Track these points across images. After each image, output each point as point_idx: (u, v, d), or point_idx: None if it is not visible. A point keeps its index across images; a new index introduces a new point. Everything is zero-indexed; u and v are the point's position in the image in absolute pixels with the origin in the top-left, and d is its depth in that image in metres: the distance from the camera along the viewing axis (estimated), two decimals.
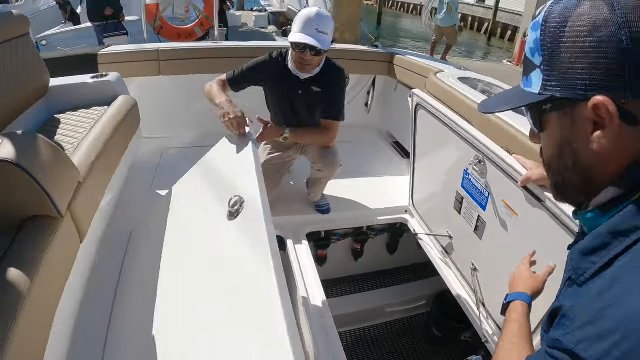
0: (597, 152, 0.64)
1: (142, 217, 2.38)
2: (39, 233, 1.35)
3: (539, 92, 0.68)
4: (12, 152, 1.30)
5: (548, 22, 0.66)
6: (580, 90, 0.62)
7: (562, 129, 0.68)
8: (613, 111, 0.59)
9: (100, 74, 2.62)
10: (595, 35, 0.60)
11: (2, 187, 1.34)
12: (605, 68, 0.60)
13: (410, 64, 3.37)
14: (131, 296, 1.91)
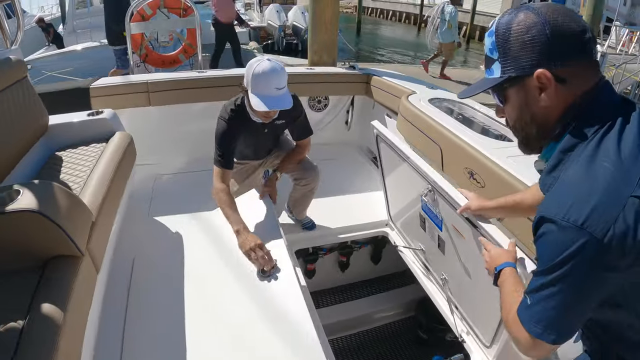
0: (545, 107, 0.98)
1: (144, 244, 2.56)
2: (64, 270, 1.54)
3: (500, 75, 1.01)
4: (35, 202, 1.48)
5: (498, 30, 1.00)
6: (526, 68, 0.96)
7: (519, 97, 1.01)
8: (550, 77, 0.94)
9: (95, 110, 2.77)
10: (530, 32, 0.94)
11: (28, 233, 1.52)
12: (539, 51, 0.94)
13: (385, 85, 3.59)
14: (141, 319, 2.08)
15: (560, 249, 0.86)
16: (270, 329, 2.07)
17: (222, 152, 2.42)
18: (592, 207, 0.83)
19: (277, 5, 15.75)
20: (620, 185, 0.83)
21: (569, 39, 0.93)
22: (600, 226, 0.81)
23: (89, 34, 10.82)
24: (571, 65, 0.94)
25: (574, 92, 0.95)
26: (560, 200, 0.88)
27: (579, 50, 0.94)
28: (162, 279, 2.37)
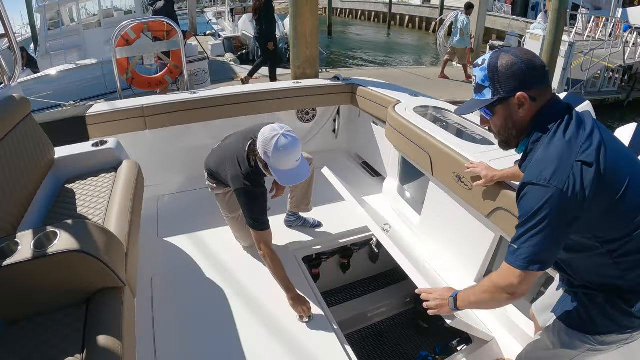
0: (522, 117, 1.41)
1: (158, 264, 2.70)
2: (110, 302, 1.65)
3: (492, 97, 1.41)
4: (75, 241, 1.58)
5: (490, 66, 1.40)
6: (511, 92, 1.38)
7: (504, 111, 1.43)
8: (527, 97, 1.37)
9: (100, 140, 2.85)
10: (513, 68, 1.36)
11: (72, 271, 1.62)
12: (519, 80, 1.36)
13: (370, 95, 3.78)
14: (169, 334, 2.24)
15: (537, 200, 1.29)
16: (294, 329, 2.29)
17: (262, 217, 2.45)
18: (553, 170, 1.27)
19: (250, 15, 15.81)
20: (568, 155, 1.29)
21: (536, 71, 1.37)
22: (560, 181, 1.26)
23: (64, 56, 10.70)
24: (538, 88, 1.38)
25: (539, 105, 1.40)
26: (533, 170, 1.32)
27: (543, 78, 1.39)
28: (182, 296, 2.52)
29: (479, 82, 1.43)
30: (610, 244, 1.35)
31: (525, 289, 1.39)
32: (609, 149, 1.30)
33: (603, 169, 1.26)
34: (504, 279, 1.41)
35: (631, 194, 1.30)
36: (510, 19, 19.47)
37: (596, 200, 1.26)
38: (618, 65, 12.13)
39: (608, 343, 1.48)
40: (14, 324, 1.62)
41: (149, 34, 6.05)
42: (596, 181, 1.25)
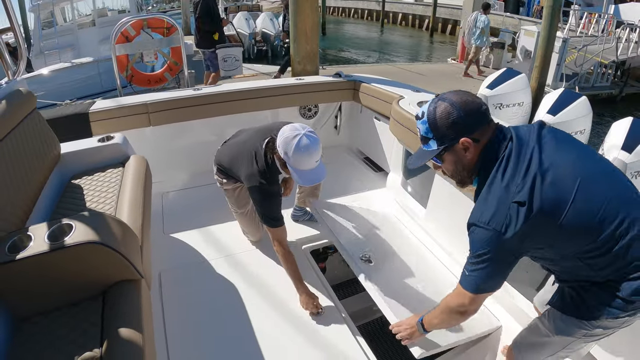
0: (470, 159, 1.48)
1: (165, 260, 2.70)
2: (129, 294, 1.64)
3: (437, 147, 1.49)
4: (93, 233, 1.56)
5: (429, 119, 1.46)
6: (454, 140, 1.45)
7: (452, 157, 1.50)
8: (470, 141, 1.44)
9: (106, 136, 2.83)
10: (451, 117, 1.42)
11: (90, 264, 1.60)
12: (460, 127, 1.43)
13: (373, 91, 3.79)
14: (180, 329, 2.24)
15: (480, 240, 1.41)
16: (305, 321, 2.31)
17: (277, 214, 2.44)
18: (491, 214, 1.37)
19: (245, 13, 15.81)
20: (505, 197, 1.36)
21: (474, 114, 1.43)
22: (498, 224, 1.35)
23: (58, 55, 10.63)
24: (480, 129, 1.44)
25: (483, 143, 1.46)
26: (476, 212, 1.43)
27: (482, 119, 1.45)
28: (191, 291, 2.52)
29: (422, 134, 1.52)
30: (570, 257, 1.43)
31: (475, 308, 1.56)
32: (547, 177, 1.35)
33: (538, 205, 1.33)
34: (456, 300, 1.58)
35: (577, 209, 1.33)
36: (504, 16, 19.54)
37: (537, 231, 1.36)
38: (611, 60, 12.23)
39: (603, 327, 1.50)
40: (27, 320, 1.60)
41: (149, 30, 6.01)
42: (532, 217, 1.33)
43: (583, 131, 5.55)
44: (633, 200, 1.40)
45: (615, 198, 1.36)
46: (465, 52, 12.93)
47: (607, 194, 1.36)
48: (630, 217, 1.35)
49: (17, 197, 2.02)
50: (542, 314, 1.71)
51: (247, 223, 2.89)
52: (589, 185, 1.35)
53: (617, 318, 1.43)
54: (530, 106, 6.43)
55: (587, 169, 1.40)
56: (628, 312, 1.40)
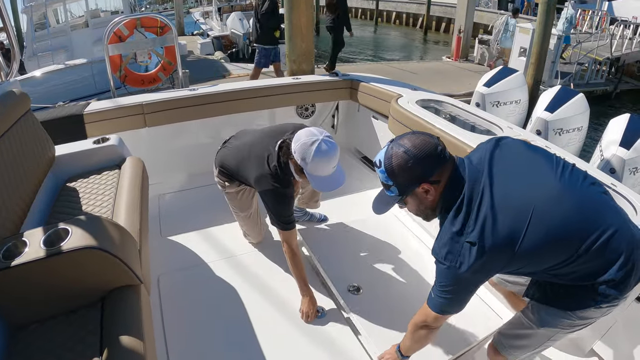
0: (431, 199, 1.52)
1: (163, 264, 2.65)
2: (128, 300, 1.59)
3: (399, 194, 1.53)
4: (90, 238, 1.51)
5: (386, 168, 1.48)
6: (413, 185, 1.48)
7: (414, 200, 1.55)
8: (429, 185, 1.47)
9: (101, 137, 2.78)
10: (407, 164, 1.45)
11: (88, 269, 1.55)
12: (417, 174, 1.46)
13: (371, 90, 3.76)
14: (180, 334, 2.21)
15: (439, 272, 1.50)
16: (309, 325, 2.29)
17: (290, 216, 2.40)
18: (446, 252, 1.45)
19: (239, 13, 15.71)
20: (457, 238, 1.43)
21: (430, 158, 1.45)
22: (452, 260, 1.43)
23: (51, 57, 10.56)
24: (437, 171, 1.46)
25: (444, 183, 1.49)
26: (435, 247, 1.51)
27: (438, 162, 1.46)
28: (190, 295, 2.48)
29: (383, 181, 1.55)
30: (539, 272, 1.50)
31: (438, 325, 1.66)
32: (498, 215, 1.39)
33: (490, 243, 1.38)
34: (421, 317, 1.67)
35: (532, 238, 1.37)
36: (498, 14, 19.58)
37: (493, 263, 1.43)
38: (605, 57, 12.25)
39: (587, 318, 1.53)
40: (23, 328, 1.55)
41: (143, 29, 5.95)
42: (484, 254, 1.38)
43: (581, 128, 5.53)
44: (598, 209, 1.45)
45: (576, 213, 1.41)
46: (459, 50, 12.97)
47: (566, 213, 1.40)
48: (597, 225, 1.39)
49: (11, 202, 1.97)
50: (525, 307, 1.73)
51: (250, 226, 2.85)
52: (545, 210, 1.39)
53: (599, 307, 1.47)
54: (527, 104, 6.41)
55: (541, 194, 1.43)
56: (610, 301, 1.44)
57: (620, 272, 1.38)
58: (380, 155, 1.52)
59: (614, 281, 1.39)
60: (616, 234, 1.39)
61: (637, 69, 13.44)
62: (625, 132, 4.71)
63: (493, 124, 2.95)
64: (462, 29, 13.06)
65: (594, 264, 1.40)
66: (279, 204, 2.36)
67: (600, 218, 1.41)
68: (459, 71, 11.60)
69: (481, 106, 6.00)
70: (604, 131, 4.91)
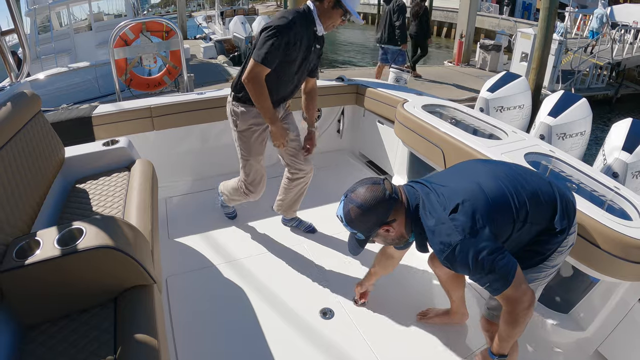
0: (397, 231, 1.71)
1: (171, 266, 2.67)
2: (142, 300, 1.60)
3: (365, 238, 1.74)
4: (106, 237, 1.53)
5: (348, 221, 1.68)
6: (373, 230, 1.70)
7: (381, 238, 1.76)
8: (387, 226, 1.68)
9: (111, 139, 2.79)
10: (363, 215, 1.66)
11: (102, 269, 1.56)
12: (373, 220, 1.67)
13: (376, 95, 3.78)
14: (188, 337, 2.22)
15: (463, 256, 1.50)
16: (313, 324, 2.31)
17: (272, 50, 2.31)
18: (446, 235, 1.53)
19: (241, 17, 15.80)
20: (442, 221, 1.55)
21: (381, 206, 1.64)
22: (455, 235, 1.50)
23: (54, 60, 10.58)
24: (390, 213, 1.65)
25: (402, 217, 1.67)
26: (436, 248, 1.57)
27: (390, 206, 1.64)
28: (199, 297, 2.50)
29: (348, 230, 1.75)
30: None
31: (530, 291, 1.58)
32: (447, 184, 1.68)
33: (460, 199, 1.56)
34: (510, 305, 1.59)
35: (489, 192, 1.61)
36: (499, 19, 19.64)
37: (476, 212, 1.55)
38: (606, 62, 12.29)
39: (555, 265, 1.74)
40: (35, 328, 1.56)
41: (148, 33, 5.98)
42: (464, 207, 1.55)
43: (583, 132, 5.54)
44: (524, 176, 1.70)
45: (509, 182, 1.64)
46: (461, 55, 12.97)
47: (504, 182, 1.64)
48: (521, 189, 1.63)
49: (22, 201, 1.98)
50: None
51: (255, 175, 2.79)
52: (486, 181, 1.63)
53: (561, 252, 1.70)
54: (531, 109, 6.43)
55: (479, 171, 1.73)
56: (565, 236, 1.67)
57: (564, 221, 1.65)
58: (339, 211, 1.71)
59: (562, 229, 1.65)
60: (543, 192, 1.65)
61: (637, 73, 13.49)
62: (628, 137, 4.73)
63: (498, 129, 2.97)
64: (463, 34, 13.10)
65: (539, 222, 1.64)
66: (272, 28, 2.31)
67: (526, 182, 1.67)
68: (461, 76, 11.62)
69: (485, 111, 6.02)
70: (607, 136, 4.93)
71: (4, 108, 2.11)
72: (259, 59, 2.32)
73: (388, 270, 2.33)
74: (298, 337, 2.23)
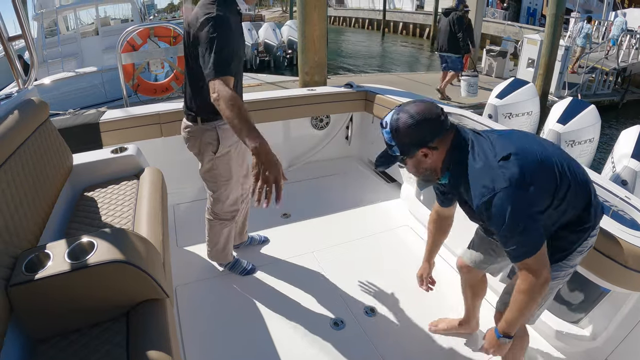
0: (431, 163, 1.62)
1: (181, 274, 2.64)
2: (155, 314, 1.57)
3: (400, 154, 1.61)
4: (117, 251, 1.49)
5: (391, 129, 1.58)
6: (414, 149, 1.59)
7: (414, 162, 1.64)
8: (428, 150, 1.58)
9: (119, 147, 2.75)
10: (410, 129, 1.55)
11: (114, 284, 1.53)
12: (418, 138, 1.56)
13: (386, 102, 3.76)
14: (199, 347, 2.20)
15: (499, 206, 1.45)
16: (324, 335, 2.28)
17: (227, 56, 1.90)
18: (491, 179, 1.47)
19: (248, 23, 15.80)
20: (491, 164, 1.50)
21: (432, 126, 1.56)
22: (501, 182, 1.45)
23: (61, 64, 10.61)
24: (438, 138, 1.57)
25: (444, 149, 1.60)
26: (476, 191, 1.51)
27: (440, 130, 1.57)
28: (208, 307, 2.47)
29: (387, 141, 1.63)
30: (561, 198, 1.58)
31: (548, 269, 1.52)
32: (506, 137, 1.62)
33: (514, 149, 1.52)
34: (527, 277, 1.53)
35: (542, 159, 1.56)
36: (505, 24, 19.61)
37: (526, 169, 1.49)
38: (612, 68, 12.24)
39: (574, 264, 1.71)
40: (45, 342, 1.53)
41: (156, 39, 5.99)
42: (515, 159, 1.49)
43: (592, 139, 5.51)
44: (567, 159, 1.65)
45: (558, 157, 1.60)
46: (467, 61, 12.92)
47: (554, 155, 1.61)
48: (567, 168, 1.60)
49: (30, 212, 1.94)
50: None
51: (236, 190, 2.53)
52: (538, 147, 1.59)
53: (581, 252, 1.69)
54: (539, 115, 6.40)
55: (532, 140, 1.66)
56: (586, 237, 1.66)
57: (595, 217, 1.65)
58: (387, 118, 1.62)
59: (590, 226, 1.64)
60: (583, 181, 1.63)
61: None
62: (637, 144, 4.68)
63: None
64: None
65: (574, 206, 1.61)
66: (219, 34, 1.89)
67: (571, 165, 1.63)
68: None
69: (493, 118, 5.99)
70: (615, 143, 4.90)
71: (11, 116, 2.09)
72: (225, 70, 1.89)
73: (447, 233, 2.20)
74: (309, 348, 2.21)
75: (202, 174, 2.48)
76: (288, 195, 3.14)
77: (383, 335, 2.29)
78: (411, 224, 3.27)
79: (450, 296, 2.56)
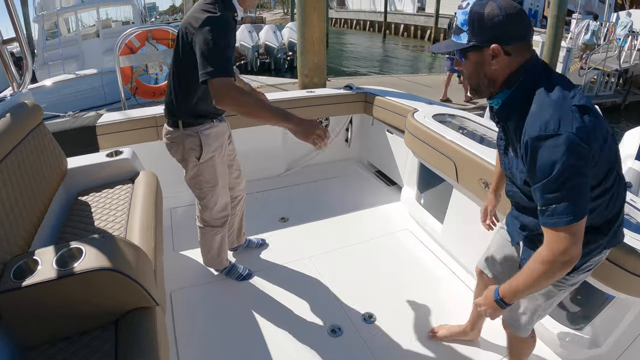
0: (494, 69, 1.39)
1: (176, 279, 2.61)
2: (144, 323, 1.53)
3: (467, 42, 1.38)
4: (105, 258, 1.46)
5: (472, 12, 1.35)
6: (486, 42, 1.35)
7: (476, 59, 1.40)
8: (500, 51, 1.34)
9: (115, 150, 2.72)
10: (493, 19, 1.32)
11: (102, 292, 1.50)
12: (497, 33, 1.33)
13: (385, 104, 3.72)
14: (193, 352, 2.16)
15: (554, 151, 1.23)
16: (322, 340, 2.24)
17: (228, 56, 1.86)
18: (558, 118, 1.25)
19: (248, 25, 15.85)
20: (565, 103, 1.27)
21: (517, 27, 1.34)
22: (568, 126, 1.23)
23: (62, 66, 10.61)
24: (516, 43, 1.35)
25: (515, 62, 1.37)
26: (536, 124, 1.28)
27: (522, 36, 1.36)
28: (204, 312, 2.43)
29: (458, 24, 1.41)
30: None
31: (579, 248, 1.30)
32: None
33: (593, 110, 1.31)
34: (554, 247, 1.31)
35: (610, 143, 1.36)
36: None
37: (592, 136, 1.27)
38: (614, 69, 12.20)
39: (577, 282, 1.60)
40: (33, 349, 1.50)
41: (154, 41, 5.96)
42: (591, 119, 1.27)
43: None
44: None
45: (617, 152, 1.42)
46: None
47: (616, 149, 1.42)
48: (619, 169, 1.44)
49: (22, 217, 1.91)
50: None
51: (224, 195, 2.50)
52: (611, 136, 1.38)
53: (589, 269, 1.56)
54: None
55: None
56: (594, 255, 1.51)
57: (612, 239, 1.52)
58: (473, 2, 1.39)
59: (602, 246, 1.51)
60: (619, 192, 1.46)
61: None
62: None
63: None
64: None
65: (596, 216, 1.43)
66: (216, 37, 1.84)
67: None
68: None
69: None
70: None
71: (3, 119, 2.05)
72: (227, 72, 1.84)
73: None
74: (306, 356, 2.16)
75: (187, 180, 2.44)
76: (286, 199, 3.12)
77: (381, 343, 2.24)
78: (411, 228, 3.23)
79: (450, 303, 2.51)
